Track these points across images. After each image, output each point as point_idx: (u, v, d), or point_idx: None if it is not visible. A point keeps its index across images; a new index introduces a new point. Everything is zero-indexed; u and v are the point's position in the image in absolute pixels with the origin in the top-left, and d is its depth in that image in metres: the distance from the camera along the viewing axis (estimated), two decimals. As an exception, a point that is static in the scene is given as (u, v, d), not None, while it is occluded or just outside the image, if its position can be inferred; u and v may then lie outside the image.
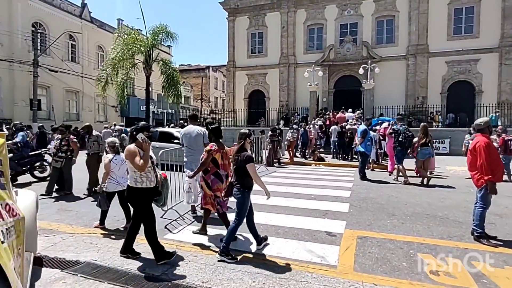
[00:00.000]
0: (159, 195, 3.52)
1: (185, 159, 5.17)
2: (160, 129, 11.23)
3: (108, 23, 26.92)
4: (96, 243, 3.83)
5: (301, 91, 22.45)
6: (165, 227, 4.51)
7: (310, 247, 3.79)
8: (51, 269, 3.04)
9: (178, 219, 4.91)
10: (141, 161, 3.11)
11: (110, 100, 26.84)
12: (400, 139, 8.26)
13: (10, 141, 7.72)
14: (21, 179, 7.84)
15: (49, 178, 7.17)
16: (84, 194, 6.62)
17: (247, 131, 3.79)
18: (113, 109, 27.75)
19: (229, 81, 25.27)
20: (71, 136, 6.92)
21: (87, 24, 24.15)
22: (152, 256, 3.28)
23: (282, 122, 19.11)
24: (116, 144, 4.68)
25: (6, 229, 1.60)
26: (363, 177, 8.62)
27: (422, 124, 8.40)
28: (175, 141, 9.58)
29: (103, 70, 16.99)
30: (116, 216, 4.91)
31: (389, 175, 9.29)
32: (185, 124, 9.30)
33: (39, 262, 3.18)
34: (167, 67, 17.33)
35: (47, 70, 19.67)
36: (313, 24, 22.64)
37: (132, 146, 3.21)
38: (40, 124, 14.88)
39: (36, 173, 8.23)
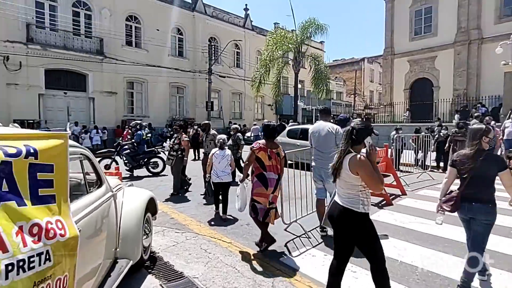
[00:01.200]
0: None
1: (312, 163, 4.28)
2: (302, 126, 10.75)
3: (266, 28, 29.18)
4: (210, 251, 3.57)
5: (487, 75, 16.86)
6: (285, 245, 3.80)
7: None
8: (155, 278, 2.89)
9: (302, 236, 4.09)
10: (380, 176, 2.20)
11: (266, 99, 29.19)
12: None
13: (129, 141, 8.99)
14: (138, 172, 8.83)
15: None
16: (201, 194, 6.27)
17: (483, 126, 2.66)
18: (269, 107, 29.95)
19: (386, 70, 22.11)
20: (183, 135, 6.71)
21: (248, 32, 26.98)
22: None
23: (457, 116, 14.81)
24: (221, 140, 5.03)
25: (21, 260, 1.24)
26: None
27: None
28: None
29: (257, 71, 18.27)
30: (243, 220, 4.63)
31: None
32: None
33: (151, 265, 3.14)
34: (316, 62, 16.76)
35: (218, 76, 23.24)
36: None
37: (361, 156, 2.23)
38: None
39: (151, 168, 9.09)
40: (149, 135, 9.86)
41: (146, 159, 8.96)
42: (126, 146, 8.94)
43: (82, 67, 17.08)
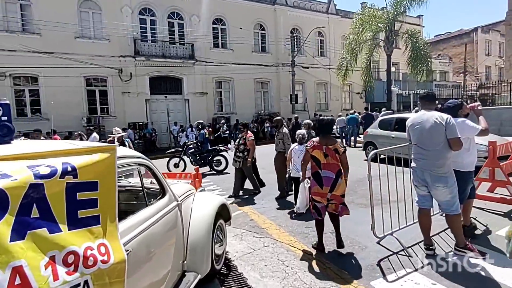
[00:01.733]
0: None
1: (412, 164, 3.42)
2: (397, 115, 9.32)
3: (353, 10, 26.89)
4: (288, 264, 3.22)
5: None
6: (378, 264, 3.15)
7: None
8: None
9: (400, 253, 3.34)
10: None
11: (355, 87, 27.09)
12: None
13: (193, 141, 9.52)
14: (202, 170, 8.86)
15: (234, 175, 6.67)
16: (277, 199, 5.85)
17: None
18: (358, 96, 27.72)
19: (510, 39, 17.60)
20: (248, 134, 6.32)
21: (333, 17, 25.32)
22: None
23: None
24: (300, 136, 5.19)
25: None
26: None
27: None
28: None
29: (343, 58, 16.90)
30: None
31: None
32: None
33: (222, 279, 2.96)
34: (413, 39, 14.43)
35: (301, 68, 22.58)
36: None
37: None
38: (296, 115, 17.17)
39: (214, 166, 9.24)
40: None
41: (210, 157, 9.35)
42: (191, 146, 9.54)
43: (177, 72, 18.89)
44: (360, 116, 14.57)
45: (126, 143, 7.45)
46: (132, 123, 17.40)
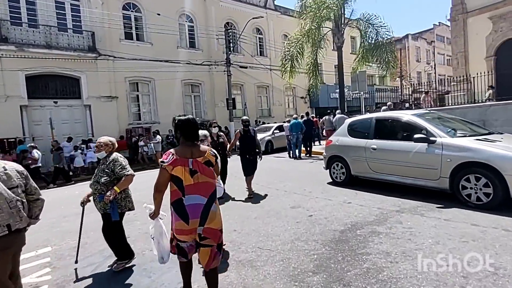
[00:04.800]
0: None
1: None
2: (377, 114, 6.27)
3: (291, 8, 24.78)
4: None
5: None
6: None
7: None
8: None
9: None
10: None
11: (298, 91, 24.85)
12: None
13: None
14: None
15: None
16: None
17: None
18: (302, 100, 25.56)
19: (457, 35, 16.70)
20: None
21: (271, 13, 22.81)
22: None
23: None
24: None
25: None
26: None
27: None
28: (418, 135, 4.58)
29: (287, 52, 13.99)
30: None
31: None
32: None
33: None
34: (368, 24, 12.12)
35: (239, 68, 19.34)
36: None
37: None
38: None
39: None
40: None
41: None
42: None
43: (72, 69, 14.02)
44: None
45: None
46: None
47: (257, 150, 6.15)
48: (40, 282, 3.25)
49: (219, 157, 3.06)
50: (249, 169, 6.11)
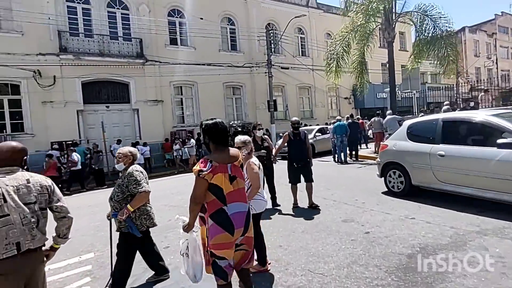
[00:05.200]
0: None
1: None
2: (443, 115, 5.43)
3: (334, 5, 23.80)
4: None
5: None
6: None
7: None
8: None
9: None
10: None
11: (342, 91, 23.73)
12: None
13: None
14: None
15: None
16: None
17: None
18: (346, 101, 24.36)
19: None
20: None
21: (313, 12, 22.06)
22: None
23: None
24: None
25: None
26: None
27: None
28: (504, 140, 3.79)
29: (332, 50, 13.25)
30: None
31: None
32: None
33: None
34: (424, 16, 10.97)
35: (280, 69, 18.96)
36: None
37: None
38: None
39: None
40: None
41: None
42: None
43: (122, 75, 14.76)
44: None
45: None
46: (57, 142, 12.99)
47: (307, 160, 5.46)
48: (79, 293, 3.15)
49: (261, 166, 2.85)
50: (296, 177, 5.46)
